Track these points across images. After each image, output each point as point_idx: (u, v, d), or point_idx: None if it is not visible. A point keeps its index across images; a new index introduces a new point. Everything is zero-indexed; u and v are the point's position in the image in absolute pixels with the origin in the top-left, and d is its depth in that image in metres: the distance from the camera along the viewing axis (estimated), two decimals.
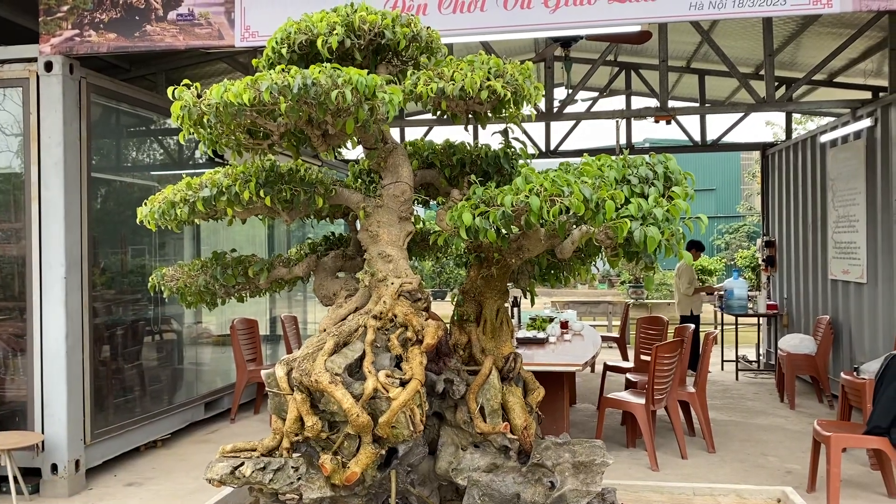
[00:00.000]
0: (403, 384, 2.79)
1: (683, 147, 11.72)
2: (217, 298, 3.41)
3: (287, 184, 3.08)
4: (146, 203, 3.24)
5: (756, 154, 18.91)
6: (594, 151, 7.47)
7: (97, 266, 6.17)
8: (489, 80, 2.96)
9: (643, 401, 6.23)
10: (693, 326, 7.63)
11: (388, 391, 2.75)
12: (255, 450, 2.95)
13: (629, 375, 7.55)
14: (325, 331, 3.02)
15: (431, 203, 3.72)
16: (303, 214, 3.26)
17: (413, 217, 3.28)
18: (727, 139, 12.00)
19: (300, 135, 3.06)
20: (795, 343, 8.56)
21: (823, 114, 10.70)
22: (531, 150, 3.44)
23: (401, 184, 3.15)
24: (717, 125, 56.26)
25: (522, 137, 3.98)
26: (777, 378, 9.05)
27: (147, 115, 7.08)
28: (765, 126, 25.08)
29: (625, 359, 9.71)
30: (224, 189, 3.01)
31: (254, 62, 3.21)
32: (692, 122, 15.44)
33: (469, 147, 3.47)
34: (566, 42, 7.51)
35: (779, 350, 8.88)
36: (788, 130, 11.05)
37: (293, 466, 2.87)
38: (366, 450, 2.79)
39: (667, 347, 6.29)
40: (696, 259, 12.52)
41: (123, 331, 6.58)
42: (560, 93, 11.19)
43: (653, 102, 10.80)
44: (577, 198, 2.51)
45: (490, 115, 3.19)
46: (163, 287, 3.39)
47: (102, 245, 6.38)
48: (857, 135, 8.07)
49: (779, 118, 24.37)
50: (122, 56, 7.30)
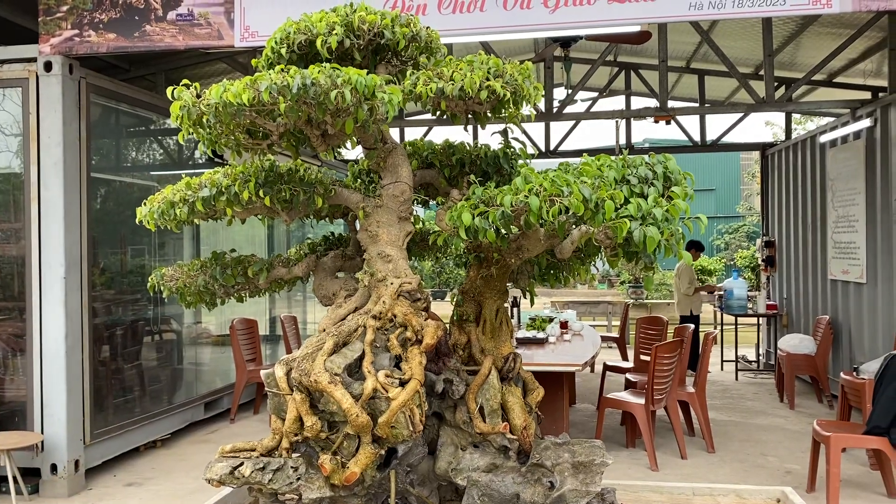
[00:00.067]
0: (403, 384, 2.79)
1: (683, 147, 11.72)
2: (216, 298, 3.42)
3: (286, 184, 3.08)
4: (145, 203, 3.24)
5: (756, 154, 18.92)
6: (594, 151, 7.47)
7: (97, 266, 6.17)
8: (488, 80, 2.96)
9: (643, 401, 6.23)
10: (693, 326, 7.63)
11: (388, 391, 2.75)
12: (255, 450, 2.95)
13: (629, 375, 7.55)
14: (325, 331, 3.02)
15: (431, 203, 3.72)
16: (302, 214, 3.26)
17: (412, 217, 3.28)
18: (727, 139, 12.00)
19: (299, 135, 3.07)
20: (795, 343, 8.57)
21: (823, 114, 10.70)
22: (531, 151, 3.44)
23: (400, 184, 3.15)
24: (717, 125, 56.37)
25: (522, 137, 3.98)
26: (777, 378, 9.05)
27: (146, 115, 7.08)
28: (764, 126, 25.08)
29: (624, 359, 9.71)
30: (223, 189, 3.01)
31: (253, 62, 3.21)
32: (692, 123, 15.45)
33: (468, 147, 3.47)
34: (566, 42, 7.51)
35: (778, 350, 8.88)
36: (788, 131, 11.05)
37: (292, 466, 2.87)
38: (365, 450, 2.79)
39: (666, 347, 6.29)
40: (696, 259, 12.52)
41: (123, 331, 6.58)
42: (560, 93, 11.20)
43: (652, 102, 10.80)
44: (577, 198, 2.51)
45: (489, 115, 3.19)
46: (162, 287, 3.39)
47: (102, 245, 6.38)
48: (857, 135, 8.07)
49: (778, 118, 24.40)
50: (122, 56, 7.30)
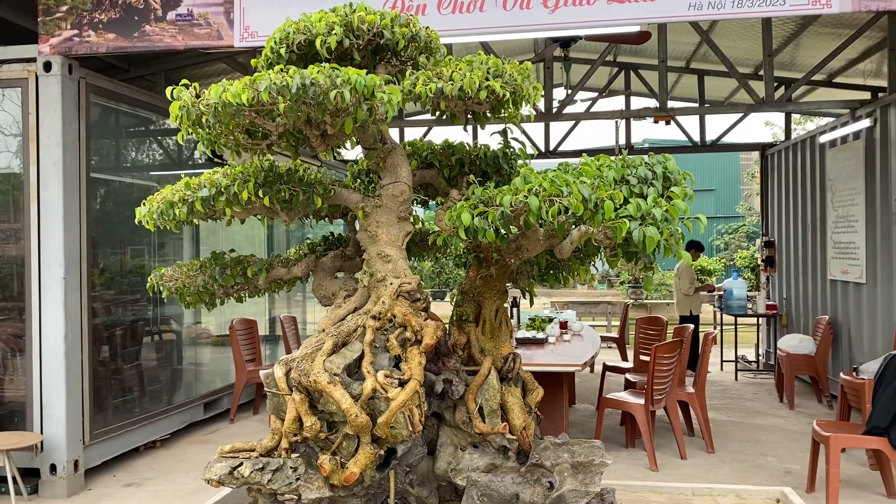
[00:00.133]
0: (402, 384, 2.79)
1: (683, 147, 11.72)
2: (216, 299, 3.41)
3: (286, 184, 3.08)
4: (145, 203, 3.24)
5: (755, 154, 18.92)
6: (593, 152, 7.48)
7: (96, 266, 6.17)
8: (488, 81, 2.96)
9: (642, 401, 6.23)
10: (692, 327, 7.63)
11: (387, 391, 2.75)
12: (254, 450, 2.94)
13: (628, 376, 7.55)
14: (324, 331, 3.02)
15: (430, 203, 3.71)
16: (301, 214, 3.26)
17: (412, 217, 3.28)
18: (726, 139, 12.01)
19: (299, 135, 3.06)
20: (795, 343, 8.57)
21: (823, 114, 10.70)
22: (530, 151, 3.44)
23: (400, 184, 3.14)
24: (717, 125, 56.42)
25: (521, 137, 3.98)
26: (776, 378, 9.05)
27: (146, 116, 7.08)
28: (764, 126, 25.09)
29: (624, 359, 9.71)
30: (223, 189, 3.01)
31: (252, 62, 3.21)
32: (691, 123, 15.47)
33: (468, 147, 3.47)
34: (565, 42, 7.51)
35: (778, 350, 8.88)
36: (788, 131, 11.05)
37: (292, 467, 2.87)
38: (364, 450, 2.79)
39: (666, 348, 6.29)
40: (696, 259, 12.51)
41: (122, 331, 6.58)
42: (559, 93, 11.20)
43: (652, 103, 10.80)
44: (576, 198, 2.51)
45: (489, 116, 3.19)
46: (162, 287, 3.39)
47: (101, 245, 6.37)
48: (857, 135, 8.07)
49: (778, 118, 24.41)
50: (122, 56, 7.30)
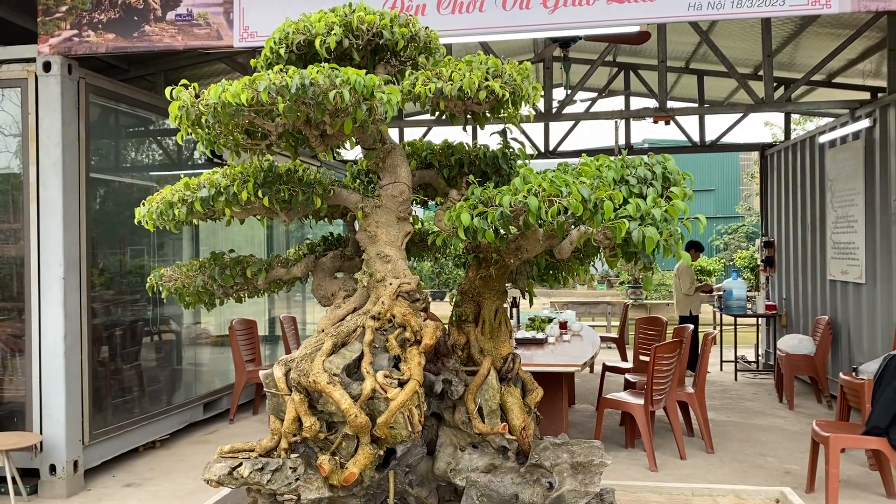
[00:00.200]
0: (402, 385, 2.79)
1: (682, 147, 11.73)
2: (215, 299, 3.41)
3: (285, 184, 3.08)
4: (144, 203, 3.24)
5: (755, 155, 18.91)
6: (593, 152, 7.49)
7: (96, 266, 6.16)
8: (487, 81, 2.96)
9: (642, 401, 6.23)
10: (692, 327, 7.63)
11: (387, 392, 2.75)
12: (254, 450, 2.94)
13: (628, 376, 7.55)
14: (324, 331, 3.02)
15: (430, 203, 3.71)
16: (301, 215, 3.26)
17: (411, 217, 3.28)
18: (726, 140, 12.01)
19: (298, 135, 3.06)
20: (794, 343, 8.56)
21: (822, 114, 10.71)
22: (530, 151, 3.44)
23: (399, 184, 3.14)
24: (716, 126, 56.41)
25: (521, 138, 3.98)
26: (776, 378, 9.05)
27: (146, 116, 7.07)
28: (763, 126, 25.13)
29: (624, 359, 9.71)
30: (222, 189, 3.01)
31: (252, 62, 3.21)
32: (691, 123, 15.46)
33: (467, 147, 3.47)
34: (565, 42, 7.51)
35: (778, 350, 8.88)
36: (787, 131, 11.06)
37: (291, 467, 2.87)
38: (364, 450, 2.79)
39: (666, 348, 6.28)
40: (696, 260, 12.51)
41: (122, 331, 6.57)
42: (559, 93, 11.21)
43: (651, 103, 10.80)
44: (576, 198, 2.51)
45: (488, 116, 3.19)
46: (161, 287, 3.39)
47: (101, 245, 6.37)
48: (856, 135, 8.07)
49: (778, 119, 24.43)
50: (121, 56, 7.30)
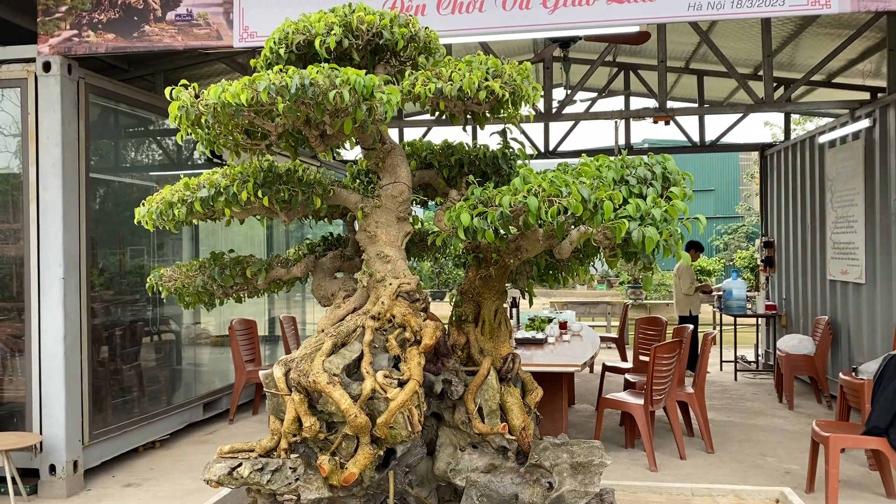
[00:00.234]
0: (401, 385, 2.79)
1: (682, 147, 11.72)
2: (215, 299, 3.41)
3: (285, 184, 3.08)
4: (144, 203, 3.24)
5: (755, 155, 18.92)
6: (593, 152, 7.48)
7: (96, 266, 6.16)
8: (487, 81, 2.96)
9: (642, 401, 6.23)
10: (692, 327, 7.64)
11: (386, 392, 2.75)
12: (253, 450, 2.94)
13: (628, 376, 7.54)
14: (324, 331, 3.02)
15: (430, 203, 3.71)
16: (301, 215, 3.26)
17: (411, 217, 3.28)
18: (726, 140, 12.01)
19: (298, 135, 3.06)
20: (794, 343, 8.57)
21: (822, 114, 10.71)
22: (529, 151, 3.44)
23: (399, 184, 3.14)
24: (716, 126, 56.43)
25: (521, 138, 3.98)
26: (776, 378, 9.05)
27: (145, 116, 7.07)
28: (763, 127, 25.14)
29: (623, 359, 9.71)
30: (222, 189, 3.01)
31: (252, 62, 3.21)
32: (691, 123, 15.45)
33: (467, 147, 3.47)
34: (565, 42, 7.51)
35: (777, 350, 8.88)
36: (787, 131, 11.06)
37: (291, 467, 2.87)
38: (364, 450, 2.78)
39: (665, 348, 6.28)
40: (696, 260, 12.51)
41: (122, 331, 6.57)
42: (559, 93, 11.21)
43: (651, 103, 10.80)
44: (576, 198, 2.51)
45: (488, 116, 3.19)
46: (161, 287, 3.39)
47: (101, 245, 6.37)
48: (856, 135, 8.07)
49: (777, 119, 24.44)
50: (121, 56, 7.30)
